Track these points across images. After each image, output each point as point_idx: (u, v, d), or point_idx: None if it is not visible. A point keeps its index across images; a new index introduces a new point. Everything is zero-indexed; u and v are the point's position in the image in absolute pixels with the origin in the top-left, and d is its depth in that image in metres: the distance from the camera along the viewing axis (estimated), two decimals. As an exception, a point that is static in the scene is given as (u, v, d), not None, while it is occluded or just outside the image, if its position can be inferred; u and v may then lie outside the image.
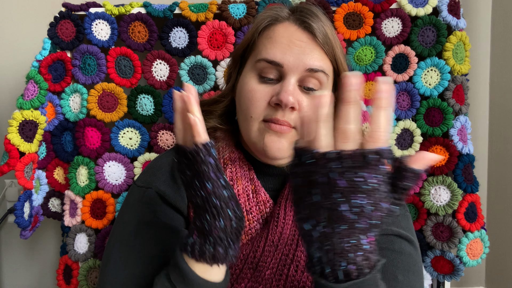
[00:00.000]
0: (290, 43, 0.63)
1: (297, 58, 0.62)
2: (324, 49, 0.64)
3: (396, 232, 0.65)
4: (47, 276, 1.26)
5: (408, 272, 0.62)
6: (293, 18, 0.66)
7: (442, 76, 1.03)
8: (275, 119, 0.61)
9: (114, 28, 1.04)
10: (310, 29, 0.64)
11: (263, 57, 0.63)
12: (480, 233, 1.05)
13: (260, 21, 0.68)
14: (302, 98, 0.62)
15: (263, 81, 0.64)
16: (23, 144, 0.93)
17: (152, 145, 1.06)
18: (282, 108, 0.61)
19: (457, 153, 1.03)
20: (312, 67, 0.62)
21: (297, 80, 0.63)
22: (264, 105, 0.63)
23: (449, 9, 1.02)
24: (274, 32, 0.65)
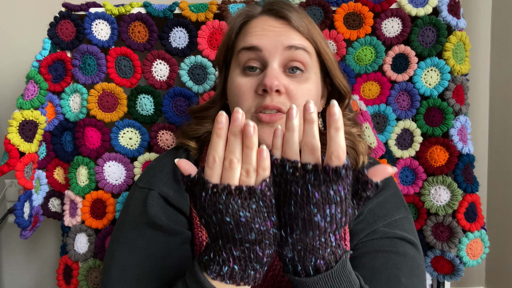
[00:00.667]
0: (264, 30, 0.64)
1: (274, 40, 0.63)
2: (299, 31, 0.65)
3: (400, 235, 0.65)
4: (47, 276, 1.26)
5: (411, 275, 0.62)
6: (264, 11, 0.68)
7: (442, 76, 1.03)
8: (265, 105, 0.62)
9: (114, 28, 1.04)
10: (282, 15, 0.65)
11: (241, 46, 0.65)
12: (480, 233, 1.05)
13: (234, 22, 0.69)
14: (287, 82, 0.63)
15: (247, 73, 0.65)
16: (23, 144, 0.93)
17: (152, 145, 1.06)
18: (269, 93, 0.61)
19: (457, 153, 1.03)
20: (290, 44, 0.63)
21: (280, 65, 0.63)
22: (251, 96, 0.64)
23: (449, 9, 1.02)
24: (249, 27, 0.66)
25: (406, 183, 1.07)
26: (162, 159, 0.74)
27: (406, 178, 1.08)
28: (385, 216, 0.66)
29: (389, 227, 0.65)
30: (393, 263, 0.62)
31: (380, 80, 1.05)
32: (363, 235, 0.65)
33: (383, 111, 1.06)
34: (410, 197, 1.08)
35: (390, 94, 1.06)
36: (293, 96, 0.63)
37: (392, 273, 0.61)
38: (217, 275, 0.46)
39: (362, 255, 0.63)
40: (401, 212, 0.68)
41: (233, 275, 0.46)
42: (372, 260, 0.62)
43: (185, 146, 0.74)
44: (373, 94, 1.06)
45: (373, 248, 0.64)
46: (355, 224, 0.66)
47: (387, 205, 0.68)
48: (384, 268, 0.61)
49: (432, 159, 1.05)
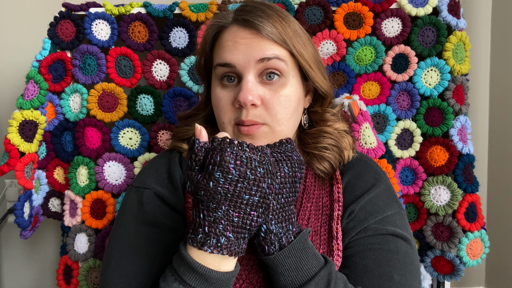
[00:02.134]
0: (235, 43, 0.64)
1: (245, 54, 0.63)
2: (271, 39, 0.64)
3: (392, 231, 0.65)
4: (47, 276, 1.26)
5: (404, 271, 0.62)
6: (235, 20, 0.67)
7: (442, 76, 1.03)
8: (241, 120, 0.63)
9: (114, 28, 1.04)
10: (251, 25, 0.64)
11: (217, 63, 0.66)
12: (480, 233, 1.05)
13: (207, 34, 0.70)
14: (263, 92, 0.63)
15: (225, 85, 0.66)
16: (23, 144, 0.93)
17: (152, 145, 1.06)
18: (245, 108, 0.62)
19: (457, 153, 1.03)
20: (262, 57, 0.63)
21: (255, 76, 0.63)
22: (230, 109, 0.65)
23: (449, 9, 1.02)
24: (222, 39, 0.67)
25: (406, 183, 1.07)
26: (157, 160, 0.75)
27: (406, 178, 1.08)
28: (377, 212, 0.66)
29: (381, 223, 0.65)
30: (385, 260, 0.62)
31: (380, 80, 1.05)
32: (355, 232, 0.65)
33: (383, 111, 1.06)
34: (410, 197, 1.08)
35: (390, 94, 1.06)
36: (270, 106, 0.63)
37: (384, 271, 0.61)
38: (214, 248, 0.48)
39: (354, 254, 0.63)
40: (393, 208, 0.68)
41: (229, 246, 0.49)
42: (364, 259, 0.62)
43: (178, 148, 0.75)
44: (373, 94, 1.06)
45: (364, 246, 0.63)
46: (347, 223, 0.66)
47: (378, 201, 0.67)
48: (376, 266, 0.61)
49: (432, 159, 1.05)
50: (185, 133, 0.75)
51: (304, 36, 0.69)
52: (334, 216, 0.65)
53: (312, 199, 0.67)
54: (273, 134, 0.65)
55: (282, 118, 0.64)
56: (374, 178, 0.70)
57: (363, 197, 0.67)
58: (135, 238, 0.64)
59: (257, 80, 0.64)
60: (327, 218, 0.66)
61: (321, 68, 0.71)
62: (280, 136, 0.66)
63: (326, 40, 1.04)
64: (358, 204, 0.66)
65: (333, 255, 0.63)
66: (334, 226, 0.65)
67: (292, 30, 0.66)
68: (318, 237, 0.64)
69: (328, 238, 0.64)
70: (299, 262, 0.54)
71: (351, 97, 1.01)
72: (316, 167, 0.69)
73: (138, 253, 0.63)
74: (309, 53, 0.68)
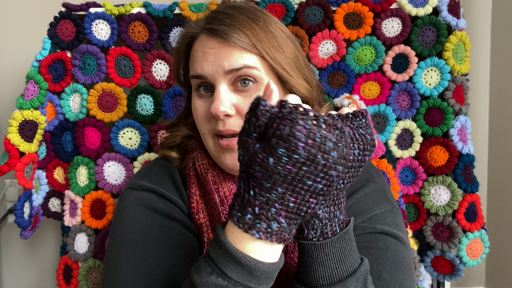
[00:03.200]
0: (204, 54, 0.63)
1: (214, 65, 0.61)
2: (239, 47, 0.61)
3: (380, 230, 0.64)
4: (47, 276, 1.26)
5: (395, 269, 0.60)
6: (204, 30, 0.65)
7: (442, 76, 1.03)
8: (218, 131, 0.62)
9: (114, 28, 1.04)
10: (218, 34, 0.62)
11: (191, 75, 0.65)
12: (480, 233, 1.05)
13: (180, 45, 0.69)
14: (237, 100, 0.62)
15: (201, 95, 0.65)
16: (23, 144, 0.93)
17: (152, 145, 1.06)
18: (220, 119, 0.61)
19: (457, 153, 1.03)
20: (230, 68, 0.61)
21: (228, 84, 0.62)
22: (207, 120, 0.64)
23: (449, 9, 1.02)
24: (193, 49, 0.66)
25: (406, 183, 1.07)
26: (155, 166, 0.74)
27: (406, 178, 1.08)
28: (365, 211, 0.65)
29: (369, 222, 0.64)
30: (374, 259, 0.60)
31: (380, 80, 1.05)
32: None
33: (383, 111, 1.06)
34: (410, 197, 1.08)
35: (390, 94, 1.06)
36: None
37: (373, 269, 0.59)
38: (263, 233, 0.40)
39: None
40: (383, 206, 0.67)
41: (279, 232, 0.41)
42: None
43: (167, 156, 0.74)
44: (373, 94, 1.06)
45: None
46: None
47: (367, 200, 0.67)
48: None
49: (432, 159, 1.05)
50: (173, 139, 0.74)
51: (280, 37, 0.65)
52: None
53: None
54: None
55: None
56: (364, 179, 0.70)
57: (351, 197, 0.67)
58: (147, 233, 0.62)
59: (230, 89, 0.62)
60: None
61: (302, 68, 0.67)
62: None
63: (326, 40, 1.04)
64: (346, 205, 0.65)
65: None
66: None
67: (264, 32, 0.63)
68: None
69: None
70: (343, 254, 0.49)
71: (351, 97, 1.01)
72: None
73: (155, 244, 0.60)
74: (285, 54, 0.65)
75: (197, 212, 0.67)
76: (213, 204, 0.67)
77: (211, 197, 0.67)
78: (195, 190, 0.69)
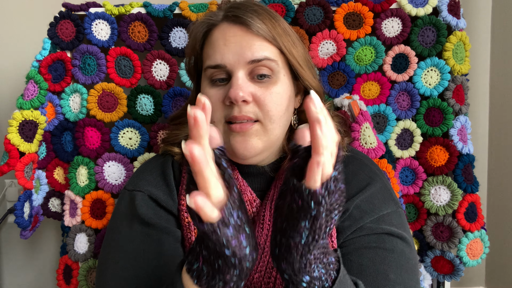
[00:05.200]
0: (226, 42, 0.63)
1: (236, 54, 0.62)
2: (261, 36, 0.64)
3: (387, 230, 0.64)
4: (47, 276, 1.26)
5: (401, 270, 0.61)
6: (225, 18, 0.66)
7: (442, 76, 1.03)
8: (233, 117, 0.62)
9: (114, 28, 1.04)
10: (242, 21, 0.64)
11: (207, 65, 0.65)
12: (480, 233, 1.05)
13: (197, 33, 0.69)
14: (254, 89, 0.63)
15: (215, 84, 0.65)
16: (23, 144, 0.93)
17: (152, 145, 1.06)
18: (236, 104, 0.62)
19: (457, 153, 1.03)
20: (252, 58, 0.62)
21: (245, 74, 0.63)
22: (220, 107, 0.64)
23: (449, 9, 1.02)
24: (212, 38, 0.66)
25: (406, 183, 1.07)
26: (151, 163, 0.76)
27: (406, 178, 1.08)
28: (372, 211, 0.65)
29: (376, 222, 0.64)
30: (381, 259, 0.61)
31: (380, 80, 1.05)
32: (350, 231, 0.64)
33: (383, 111, 1.06)
34: (410, 197, 1.08)
35: (390, 94, 1.06)
36: (262, 103, 0.63)
37: (380, 270, 0.60)
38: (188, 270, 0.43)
39: (349, 253, 0.63)
40: (390, 206, 0.67)
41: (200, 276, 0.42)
42: (359, 257, 0.62)
43: (170, 152, 0.75)
44: (373, 94, 1.06)
45: (360, 245, 0.63)
46: (342, 221, 0.65)
47: (374, 200, 0.67)
48: (372, 265, 0.60)
49: (432, 159, 1.05)
50: (175, 137, 0.75)
51: (293, 35, 0.68)
52: None
53: None
54: (265, 133, 0.64)
55: (274, 116, 0.64)
56: (369, 176, 0.70)
57: (357, 195, 0.66)
58: (130, 241, 0.64)
59: (247, 78, 0.63)
60: None
61: (311, 68, 0.71)
62: (271, 136, 0.65)
63: (326, 40, 1.04)
64: (352, 203, 0.65)
65: None
66: None
67: (282, 29, 0.66)
68: None
69: None
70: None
71: (351, 97, 1.01)
72: None
73: (134, 256, 0.62)
74: (299, 52, 0.67)
75: (186, 210, 0.67)
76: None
77: None
78: None
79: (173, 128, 0.77)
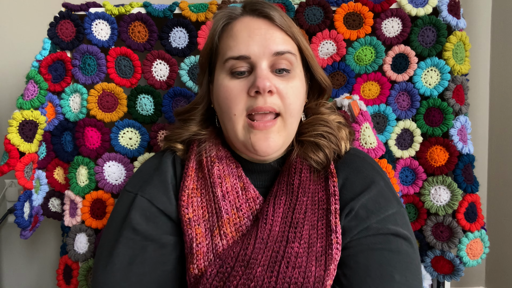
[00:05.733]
0: (251, 33, 0.65)
1: (261, 45, 0.64)
2: (283, 30, 0.66)
3: (394, 231, 0.64)
4: (47, 276, 1.26)
5: (405, 271, 0.62)
6: (247, 12, 0.68)
7: (442, 76, 1.03)
8: (258, 107, 0.63)
9: (114, 28, 1.04)
10: (266, 14, 0.66)
11: (230, 56, 0.65)
12: (480, 233, 1.05)
13: (217, 24, 0.70)
14: (276, 82, 0.64)
15: (235, 76, 0.65)
16: (23, 144, 0.93)
17: (152, 145, 1.06)
18: (262, 95, 0.63)
19: (457, 153, 1.03)
20: (277, 50, 0.64)
21: (268, 66, 0.64)
22: (243, 98, 0.64)
23: (449, 9, 1.02)
24: (233, 30, 0.67)
25: (406, 183, 1.07)
26: (150, 162, 0.76)
27: (406, 178, 1.08)
28: (378, 211, 0.65)
29: (382, 223, 0.65)
30: (387, 260, 0.62)
31: (380, 80, 1.05)
32: (356, 231, 0.64)
33: (383, 111, 1.06)
34: (410, 197, 1.08)
35: (390, 94, 1.06)
36: (284, 95, 0.64)
37: (386, 271, 0.60)
38: None
39: (356, 254, 0.63)
40: (394, 206, 0.67)
41: None
42: (366, 259, 0.62)
43: (172, 148, 0.75)
44: (373, 94, 1.06)
45: (366, 245, 0.63)
46: (348, 221, 0.65)
47: (380, 199, 0.67)
48: (378, 267, 0.61)
49: (432, 159, 1.05)
50: (178, 136, 0.75)
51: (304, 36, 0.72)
52: (332, 210, 0.65)
53: (308, 193, 0.67)
54: (285, 128, 0.66)
55: (294, 109, 0.66)
56: (373, 174, 0.70)
57: (363, 194, 0.67)
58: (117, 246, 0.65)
59: (269, 70, 0.65)
60: (324, 212, 0.66)
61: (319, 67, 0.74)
62: (290, 130, 0.67)
63: (326, 40, 1.04)
64: (358, 202, 0.66)
65: (332, 248, 0.62)
66: (333, 220, 0.64)
67: (296, 27, 0.69)
68: (315, 231, 0.64)
69: (326, 231, 0.64)
70: None
71: (351, 97, 1.01)
72: (310, 157, 0.69)
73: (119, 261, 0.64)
74: (310, 48, 0.71)
75: (187, 206, 0.67)
76: (214, 198, 0.67)
77: (214, 190, 0.67)
78: (189, 183, 0.69)
79: (176, 127, 0.77)
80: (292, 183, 0.67)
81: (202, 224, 0.66)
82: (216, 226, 0.65)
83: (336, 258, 0.62)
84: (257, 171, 0.72)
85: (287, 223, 0.64)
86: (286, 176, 0.69)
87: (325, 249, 0.62)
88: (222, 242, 0.64)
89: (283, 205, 0.65)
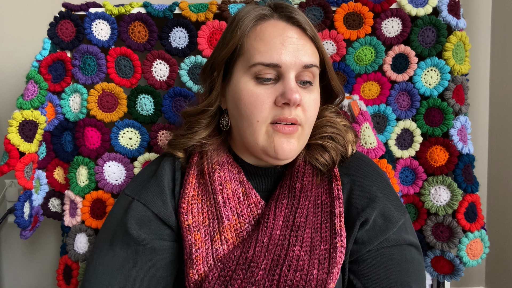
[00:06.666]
0: (284, 42, 0.63)
1: (293, 56, 0.63)
2: (313, 42, 0.66)
3: (408, 241, 0.66)
4: (47, 276, 1.26)
5: (418, 279, 0.64)
6: (278, 15, 0.66)
7: (442, 76, 1.03)
8: (284, 118, 0.62)
9: (114, 28, 1.04)
10: (299, 24, 0.65)
11: (259, 61, 0.62)
12: (480, 233, 1.05)
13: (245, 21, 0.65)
14: (302, 93, 0.64)
15: (261, 82, 0.63)
16: (23, 144, 0.93)
17: (152, 145, 1.06)
18: (289, 106, 0.62)
19: (457, 153, 1.03)
20: (307, 63, 0.63)
21: (295, 77, 0.64)
22: (269, 107, 0.63)
23: (449, 9, 1.02)
24: (264, 33, 0.64)
25: (406, 183, 1.07)
26: (150, 166, 0.76)
27: (406, 178, 1.08)
28: (395, 221, 0.65)
29: (398, 233, 0.65)
30: (405, 271, 0.63)
31: (380, 80, 1.05)
32: (377, 242, 0.64)
33: (383, 111, 1.06)
34: (410, 197, 1.08)
35: (390, 94, 1.06)
36: (307, 108, 0.64)
37: (405, 282, 0.62)
38: None
39: (375, 265, 0.64)
40: (402, 214, 0.68)
41: None
42: (387, 271, 0.63)
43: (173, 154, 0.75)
44: (373, 94, 1.06)
45: (386, 257, 0.64)
46: (366, 231, 0.65)
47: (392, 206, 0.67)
48: (398, 277, 0.62)
49: (432, 159, 1.05)
50: (182, 144, 0.73)
51: None
52: (336, 213, 0.65)
53: (310, 197, 0.67)
54: (302, 137, 0.66)
55: (312, 122, 0.67)
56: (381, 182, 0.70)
57: (377, 203, 0.66)
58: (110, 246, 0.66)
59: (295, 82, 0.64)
60: (328, 215, 0.66)
61: None
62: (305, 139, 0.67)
63: (326, 40, 1.04)
64: (373, 211, 0.65)
65: (336, 251, 0.62)
66: (338, 223, 0.64)
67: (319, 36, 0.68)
68: (319, 234, 0.64)
69: (331, 234, 0.64)
70: None
71: (351, 97, 1.01)
72: (317, 159, 0.69)
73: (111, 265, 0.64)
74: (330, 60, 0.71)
75: (186, 213, 0.67)
76: (215, 205, 0.67)
77: (215, 197, 0.67)
78: (190, 190, 0.68)
79: (181, 133, 0.74)
80: (294, 186, 0.67)
81: (202, 229, 0.66)
82: (217, 231, 0.65)
83: (340, 261, 0.62)
84: (261, 175, 0.72)
85: (288, 227, 0.64)
86: (289, 180, 0.69)
87: (328, 252, 0.62)
88: (223, 247, 0.64)
89: (284, 209, 0.65)
